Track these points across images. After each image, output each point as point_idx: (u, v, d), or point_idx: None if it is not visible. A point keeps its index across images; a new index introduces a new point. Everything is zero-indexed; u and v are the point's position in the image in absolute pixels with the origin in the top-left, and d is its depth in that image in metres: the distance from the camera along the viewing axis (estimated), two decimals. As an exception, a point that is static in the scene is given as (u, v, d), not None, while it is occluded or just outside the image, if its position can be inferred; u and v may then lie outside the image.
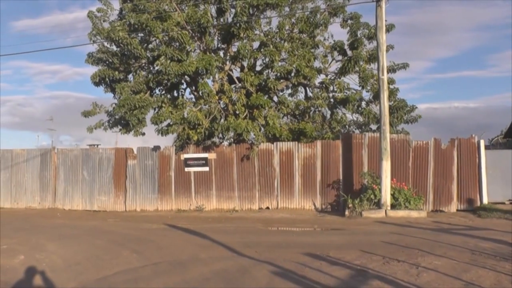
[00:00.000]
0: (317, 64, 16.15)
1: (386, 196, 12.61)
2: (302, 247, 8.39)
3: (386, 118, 12.94)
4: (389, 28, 15.07)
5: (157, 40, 15.22)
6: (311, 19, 15.87)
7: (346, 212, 12.92)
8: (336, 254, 7.56)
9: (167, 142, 17.67)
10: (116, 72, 15.69)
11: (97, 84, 16.01)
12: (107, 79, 15.79)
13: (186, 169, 15.37)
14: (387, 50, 13.53)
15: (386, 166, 12.75)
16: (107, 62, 15.79)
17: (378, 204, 12.70)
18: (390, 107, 13.97)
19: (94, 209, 16.18)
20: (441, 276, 6.10)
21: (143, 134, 15.83)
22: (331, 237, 10.08)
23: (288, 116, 16.90)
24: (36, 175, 17.26)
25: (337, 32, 16.84)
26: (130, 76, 16.35)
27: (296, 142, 14.91)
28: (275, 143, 14.98)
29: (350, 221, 12.12)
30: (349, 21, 16.16)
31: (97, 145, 17.99)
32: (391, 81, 15.59)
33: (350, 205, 12.98)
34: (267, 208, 14.95)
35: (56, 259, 8.53)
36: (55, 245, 9.78)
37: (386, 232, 9.95)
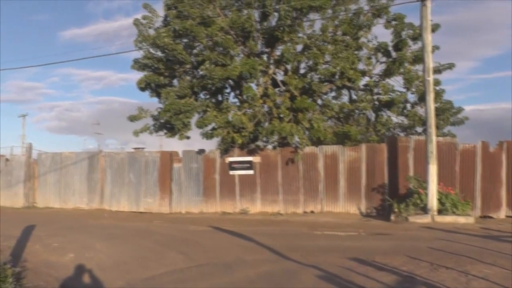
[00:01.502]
0: (361, 66, 16.65)
1: (432, 201, 12.86)
2: (348, 252, 8.58)
3: (432, 121, 13.22)
4: (435, 28, 15.44)
5: (201, 45, 16.29)
6: (355, 21, 16.37)
7: (392, 217, 13.20)
8: (382, 260, 7.68)
9: (210, 145, 18.77)
10: (161, 77, 16.93)
11: (143, 89, 17.33)
12: (152, 84, 17.08)
13: (231, 172, 16.39)
14: (432, 51, 13.78)
15: (433, 170, 13.00)
16: (153, 67, 17.07)
17: (424, 209, 12.97)
18: (435, 109, 14.15)
19: (140, 211, 17.46)
20: (491, 285, 6.08)
21: (188, 137, 16.97)
22: (376, 242, 10.19)
23: (332, 119, 17.55)
24: (84, 177, 18.86)
25: (381, 33, 17.23)
26: (175, 81, 17.55)
27: (341, 146, 15.58)
28: (319, 147, 15.69)
29: (395, 226, 12.37)
30: (393, 22, 16.65)
31: (142, 148, 19.44)
32: (436, 83, 15.95)
33: (396, 210, 13.23)
34: (312, 212, 15.60)
35: (104, 258, 9.20)
36: (103, 245, 10.51)
37: (433, 238, 10.05)
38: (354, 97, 17.64)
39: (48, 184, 19.77)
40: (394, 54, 16.45)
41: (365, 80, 16.87)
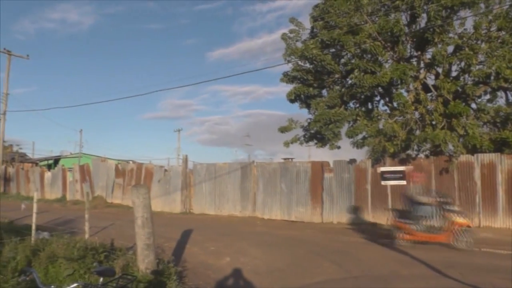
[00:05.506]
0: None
1: None
2: (510, 273, 8.80)
3: None
4: None
5: (349, 54, 18.99)
6: (511, 14, 16.79)
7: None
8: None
9: (357, 155, 21.09)
10: (311, 89, 20.11)
11: (292, 101, 20.71)
12: (302, 95, 20.41)
13: (383, 182, 18.52)
14: None
15: None
16: (302, 79, 20.39)
17: None
18: None
19: (292, 220, 20.69)
20: None
21: (339, 147, 19.87)
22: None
23: (488, 124, 18.15)
24: (237, 186, 23.03)
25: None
26: (324, 91, 20.66)
27: (499, 154, 16.44)
28: (475, 155, 16.81)
29: None
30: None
31: (291, 158, 22.82)
32: None
33: None
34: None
35: (259, 264, 10.67)
36: (257, 251, 12.25)
37: None
38: (511, 99, 18.38)
39: (203, 192, 24.58)
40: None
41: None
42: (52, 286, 4.50)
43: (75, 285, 4.40)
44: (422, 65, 18.81)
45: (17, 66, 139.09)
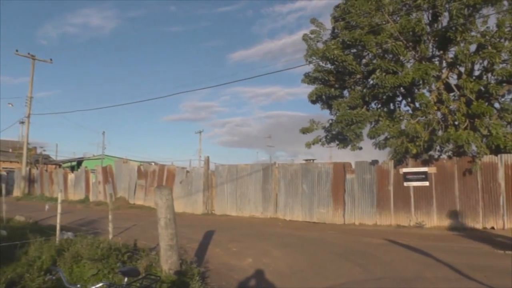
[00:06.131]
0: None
1: None
2: None
3: None
4: None
5: (370, 54, 19.10)
6: None
7: None
8: None
9: (378, 156, 21.12)
10: (332, 89, 20.30)
11: (314, 102, 20.94)
12: (323, 96, 20.62)
13: (405, 184, 18.56)
14: None
15: None
16: (323, 80, 20.59)
17: None
18: None
19: (313, 221, 20.88)
20: None
21: (360, 148, 20.00)
22: None
23: (511, 124, 17.88)
24: (258, 187, 23.33)
25: None
26: (346, 92, 20.83)
27: None
28: (499, 155, 16.78)
29: None
30: None
31: (313, 159, 23.05)
32: None
33: None
34: (492, 228, 16.52)
35: (281, 265, 10.73)
36: (279, 252, 12.33)
37: None
38: (535, 98, 18.07)
39: (225, 193, 24.91)
40: None
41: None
42: (78, 286, 4.62)
43: (100, 284, 4.55)
44: (444, 64, 18.82)
45: (41, 70, 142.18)
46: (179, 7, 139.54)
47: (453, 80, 18.77)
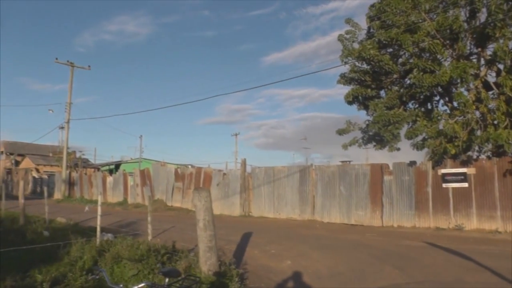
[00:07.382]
0: None
1: None
2: None
3: None
4: None
5: (407, 54, 19.10)
6: None
7: None
8: None
9: (415, 156, 21.02)
10: (369, 90, 20.43)
11: (350, 102, 21.12)
12: (360, 97, 20.77)
13: (444, 185, 18.51)
14: None
15: None
16: (359, 80, 20.73)
17: None
18: None
19: (351, 223, 21.06)
20: None
21: (398, 149, 20.03)
22: None
23: None
24: (295, 189, 23.66)
25: None
26: (382, 92, 20.94)
27: None
28: None
29: None
30: None
31: (349, 161, 23.23)
32: None
33: None
34: None
35: (320, 267, 10.80)
36: (318, 254, 12.46)
37: None
38: None
39: (262, 195, 25.40)
40: None
41: None
42: (121, 285, 4.73)
43: (142, 285, 4.66)
44: (482, 62, 18.64)
45: (79, 76, 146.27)
46: (213, 11, 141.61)
47: (492, 78, 18.52)
